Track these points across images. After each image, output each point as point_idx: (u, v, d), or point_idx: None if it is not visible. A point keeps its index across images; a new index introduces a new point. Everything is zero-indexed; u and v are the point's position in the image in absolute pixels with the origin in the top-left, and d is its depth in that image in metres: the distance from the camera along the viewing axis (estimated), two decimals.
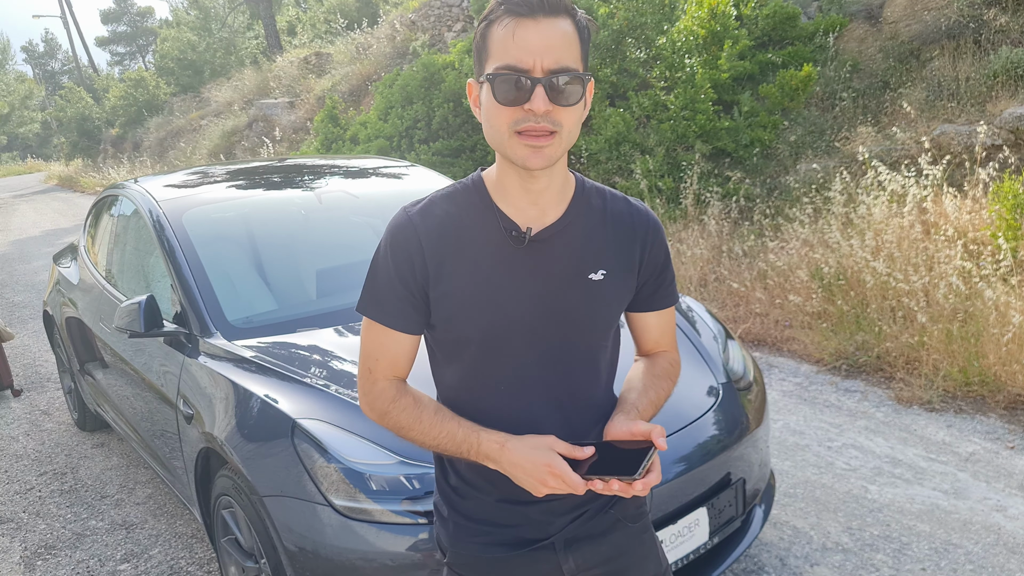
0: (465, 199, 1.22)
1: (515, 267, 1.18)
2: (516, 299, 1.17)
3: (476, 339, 1.19)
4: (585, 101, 1.14)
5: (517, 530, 1.25)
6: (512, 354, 1.19)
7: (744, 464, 2.38)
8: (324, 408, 2.14)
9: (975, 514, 2.83)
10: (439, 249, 1.18)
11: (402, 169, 3.86)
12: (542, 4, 1.06)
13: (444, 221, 1.20)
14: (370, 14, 18.61)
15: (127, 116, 25.07)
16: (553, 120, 1.08)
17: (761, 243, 5.56)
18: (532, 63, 1.06)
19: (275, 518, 2.05)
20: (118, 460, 3.98)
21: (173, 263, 2.85)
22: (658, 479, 1.06)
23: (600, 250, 1.21)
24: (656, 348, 1.36)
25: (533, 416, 1.21)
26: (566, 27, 1.08)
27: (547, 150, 1.09)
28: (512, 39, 1.07)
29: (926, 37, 6.30)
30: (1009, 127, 5.07)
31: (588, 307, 1.19)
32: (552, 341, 1.19)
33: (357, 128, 9.89)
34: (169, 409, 2.70)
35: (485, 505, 1.26)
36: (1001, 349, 3.64)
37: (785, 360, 4.52)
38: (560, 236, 1.19)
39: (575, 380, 1.22)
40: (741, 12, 7.35)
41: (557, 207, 1.20)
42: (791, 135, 6.57)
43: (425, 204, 1.22)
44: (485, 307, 1.17)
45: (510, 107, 1.08)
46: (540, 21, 1.06)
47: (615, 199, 1.26)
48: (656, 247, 1.26)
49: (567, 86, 1.07)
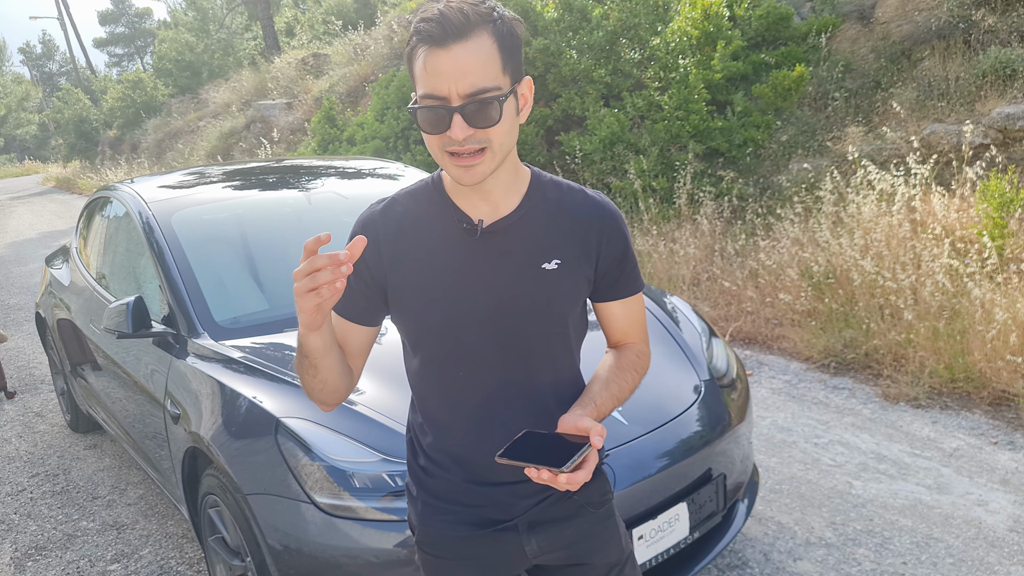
0: (425, 195, 1.27)
1: (469, 258, 1.22)
2: (470, 289, 1.22)
3: (434, 328, 1.24)
4: (519, 105, 1.16)
5: (482, 510, 1.30)
6: (469, 342, 1.24)
7: (726, 460, 2.40)
8: (308, 406, 2.16)
9: (957, 508, 2.85)
10: (396, 243, 1.24)
11: (395, 171, 3.89)
12: (451, 31, 1.06)
13: (404, 216, 1.26)
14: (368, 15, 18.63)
15: (125, 118, 25.09)
16: (478, 140, 1.11)
17: (753, 242, 5.59)
18: (448, 91, 1.08)
19: (259, 516, 2.07)
20: (110, 461, 4.00)
21: (161, 264, 2.87)
22: (586, 477, 1.09)
23: (554, 240, 1.24)
24: (624, 339, 1.38)
25: (493, 402, 1.26)
26: (481, 44, 1.08)
27: (478, 168, 1.13)
28: (426, 70, 1.09)
29: (917, 37, 6.32)
30: (997, 126, 5.09)
31: (541, 295, 1.23)
32: (507, 329, 1.23)
33: (354, 129, 9.92)
34: (157, 409, 2.73)
35: (452, 485, 1.31)
36: (986, 346, 3.67)
37: (775, 358, 4.54)
38: (514, 227, 1.23)
39: (533, 367, 1.27)
40: (734, 13, 7.37)
41: (510, 200, 1.24)
42: (783, 135, 6.60)
43: (389, 201, 1.28)
44: (441, 297, 1.22)
45: (435, 135, 1.12)
46: (451, 48, 1.07)
47: (572, 191, 1.30)
48: (613, 236, 1.28)
49: (486, 107, 1.09)
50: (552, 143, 7.79)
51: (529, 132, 7.49)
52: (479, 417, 1.27)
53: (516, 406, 1.26)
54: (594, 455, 1.12)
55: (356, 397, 2.21)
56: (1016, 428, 3.38)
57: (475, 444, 1.27)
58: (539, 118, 7.55)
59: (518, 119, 1.17)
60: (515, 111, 1.15)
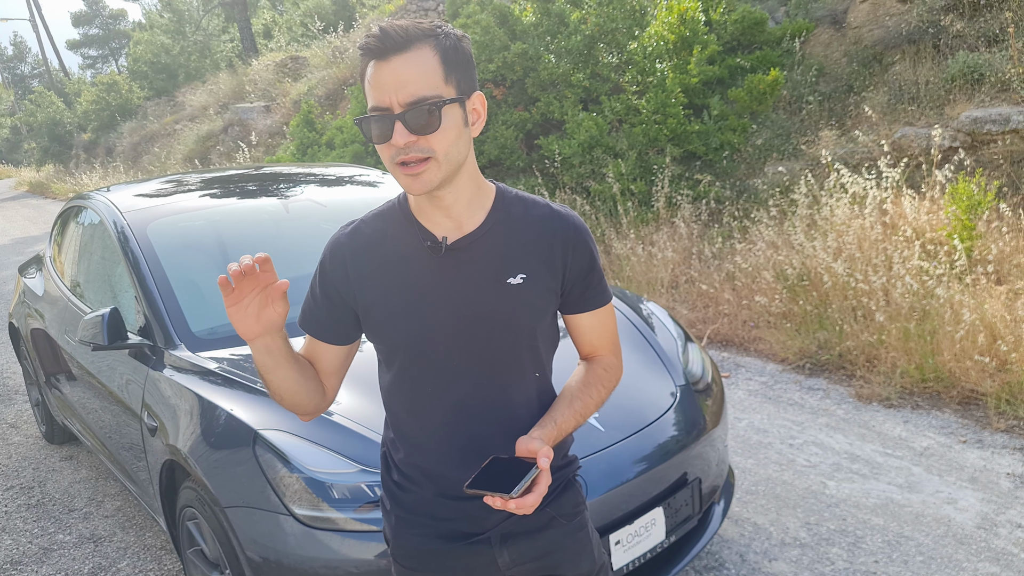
0: (391, 215, 1.30)
1: (435, 275, 1.25)
2: (437, 305, 1.25)
3: (404, 344, 1.27)
4: (470, 118, 1.20)
5: (454, 524, 1.32)
6: (438, 358, 1.26)
7: (701, 463, 2.44)
8: (286, 418, 2.16)
9: (927, 507, 2.92)
10: (364, 264, 1.27)
11: (373, 178, 3.89)
12: (391, 44, 1.12)
13: (371, 238, 1.29)
14: (346, 17, 18.56)
15: (100, 121, 24.76)
16: (421, 148, 1.14)
17: (729, 245, 5.65)
18: (389, 100, 1.13)
19: (238, 529, 2.08)
20: (87, 473, 3.97)
21: (137, 275, 2.86)
22: (536, 501, 1.12)
23: (519, 255, 1.27)
24: (594, 351, 1.40)
25: (463, 416, 1.28)
26: (421, 56, 1.13)
27: (424, 176, 1.16)
28: (370, 83, 1.15)
29: (888, 42, 6.43)
30: (965, 130, 5.20)
31: (509, 309, 1.26)
32: (475, 344, 1.26)
33: (333, 132, 9.88)
34: (134, 421, 2.71)
35: (424, 499, 1.33)
36: (955, 346, 3.75)
37: (752, 360, 4.60)
38: (478, 244, 1.26)
39: (502, 380, 1.29)
40: (710, 17, 7.45)
41: (474, 217, 1.27)
42: (759, 138, 6.68)
43: (357, 224, 1.32)
44: (409, 314, 1.25)
45: (382, 144, 1.16)
46: (391, 60, 1.13)
47: (537, 206, 1.32)
48: (579, 249, 1.30)
49: (425, 115, 1.13)
50: (531, 147, 7.82)
51: (509, 136, 7.52)
52: (449, 432, 1.29)
53: (486, 420, 1.29)
54: (544, 477, 1.14)
55: (334, 408, 2.21)
56: (984, 427, 3.46)
57: (446, 459, 1.30)
58: (518, 122, 7.58)
59: (468, 131, 1.19)
60: (461, 122, 1.18)
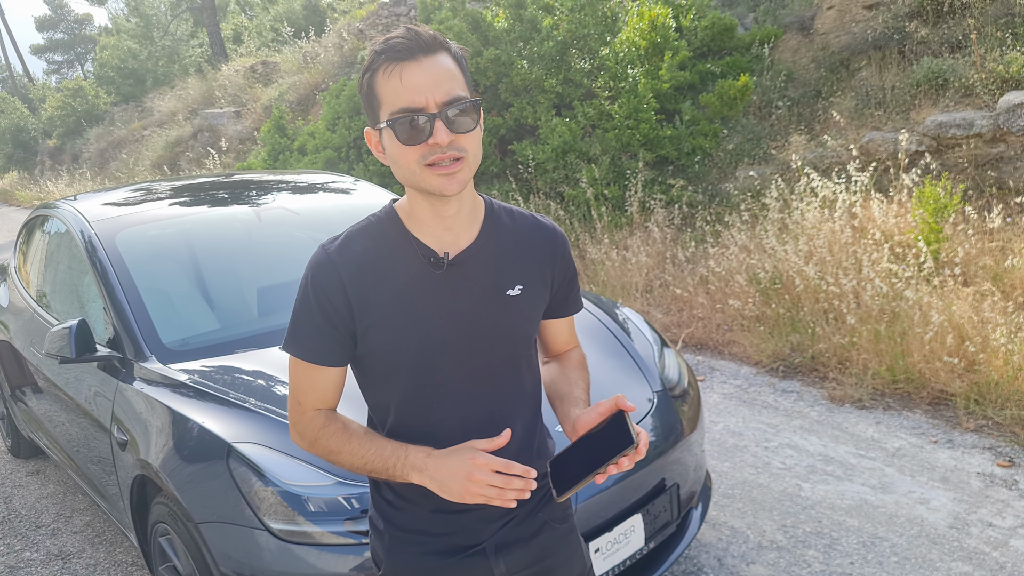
0: (381, 231, 1.26)
1: (437, 292, 1.23)
2: (442, 322, 1.23)
3: (408, 365, 1.24)
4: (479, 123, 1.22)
5: (450, 538, 1.31)
6: (443, 375, 1.25)
7: (679, 469, 2.45)
8: (261, 431, 2.13)
9: (900, 507, 2.96)
10: (360, 283, 1.22)
11: (346, 184, 3.86)
12: (419, 45, 1.13)
13: (363, 255, 1.24)
14: (317, 23, 18.43)
15: (65, 127, 24.29)
16: (458, 147, 1.15)
17: (703, 249, 5.70)
18: (425, 101, 1.13)
19: (211, 545, 2.04)
20: (54, 488, 3.87)
21: (106, 285, 2.80)
22: (646, 434, 1.17)
23: (515, 266, 1.29)
24: (565, 348, 1.48)
25: (466, 431, 1.27)
26: (445, 61, 1.16)
27: (459, 175, 1.16)
28: (401, 83, 1.13)
29: (854, 48, 6.54)
30: (931, 134, 5.30)
31: (509, 321, 1.27)
32: (479, 358, 1.26)
33: (305, 138, 9.79)
34: (103, 436, 2.65)
35: (419, 516, 1.31)
36: (924, 347, 3.82)
37: (726, 363, 4.64)
38: (476, 257, 1.26)
39: (503, 391, 1.31)
40: (680, 24, 7.52)
41: (470, 230, 1.27)
42: (730, 143, 6.75)
43: (343, 240, 1.26)
44: (413, 333, 1.23)
45: (415, 146, 1.14)
46: (422, 61, 1.13)
47: (523, 217, 1.35)
48: (564, 258, 1.37)
49: (463, 114, 1.15)
50: (505, 152, 7.82)
51: (483, 141, 7.50)
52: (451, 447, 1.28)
53: (487, 433, 1.26)
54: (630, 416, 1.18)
55: None
56: (954, 427, 3.52)
57: None
58: (492, 127, 7.58)
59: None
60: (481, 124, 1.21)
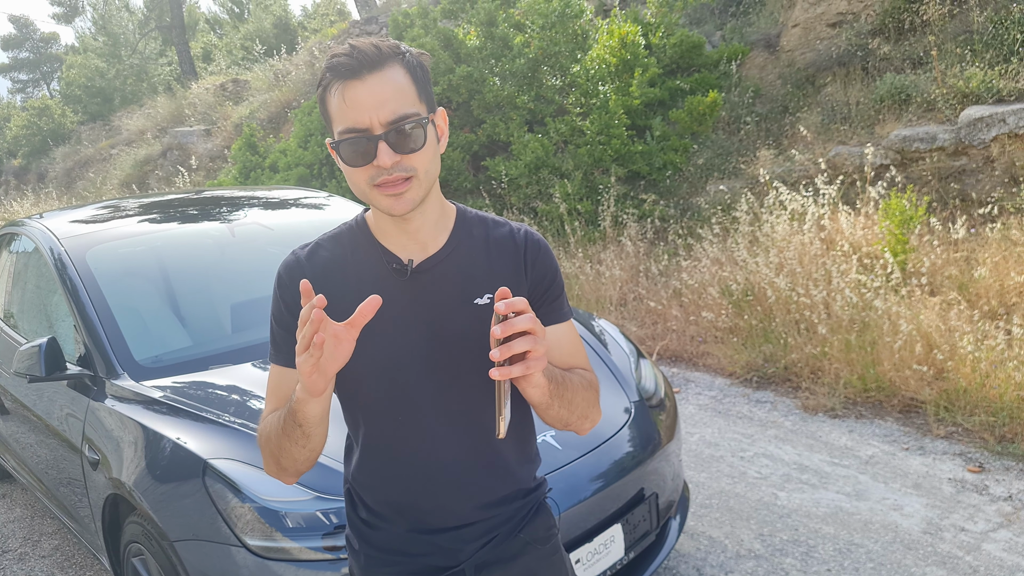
0: (350, 239, 1.26)
1: (402, 299, 1.21)
2: (407, 330, 1.21)
3: (371, 372, 1.22)
4: (438, 134, 1.19)
5: (427, 558, 1.28)
6: (407, 385, 1.22)
7: (657, 479, 2.46)
8: (237, 446, 2.10)
9: (875, 514, 3.00)
10: (326, 288, 1.21)
11: (320, 200, 3.84)
12: (366, 62, 1.10)
13: (330, 261, 1.24)
14: (288, 40, 18.40)
15: (31, 146, 23.88)
16: (405, 167, 1.12)
17: (675, 262, 5.77)
18: (369, 121, 1.10)
19: (188, 563, 2.00)
20: (21, 512, 3.77)
21: (76, 303, 2.75)
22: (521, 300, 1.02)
23: (484, 275, 1.25)
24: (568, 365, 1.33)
25: (435, 445, 1.24)
26: (395, 75, 1.12)
27: (407, 195, 1.14)
28: (344, 102, 1.11)
29: (819, 64, 6.71)
30: (895, 148, 5.44)
31: (477, 331, 1.21)
32: (445, 368, 1.22)
33: (276, 156, 9.74)
34: (74, 455, 2.60)
35: (395, 536, 1.28)
36: (894, 356, 3.89)
37: (701, 374, 4.68)
38: (443, 265, 1.24)
39: (471, 402, 1.25)
40: (650, 41, 7.66)
41: (438, 239, 1.25)
42: (700, 158, 6.86)
43: (312, 246, 1.27)
44: (378, 340, 1.20)
45: (361, 167, 1.13)
46: (366, 79, 1.10)
47: (497, 225, 1.31)
48: (540, 263, 1.28)
49: (410, 133, 1.11)
50: (478, 168, 7.86)
51: (456, 158, 7.54)
52: (421, 462, 1.25)
53: (459, 447, 1.24)
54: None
55: None
56: (925, 434, 3.59)
57: (418, 490, 1.25)
58: (465, 144, 7.61)
59: (437, 148, 1.19)
60: (435, 139, 1.18)
